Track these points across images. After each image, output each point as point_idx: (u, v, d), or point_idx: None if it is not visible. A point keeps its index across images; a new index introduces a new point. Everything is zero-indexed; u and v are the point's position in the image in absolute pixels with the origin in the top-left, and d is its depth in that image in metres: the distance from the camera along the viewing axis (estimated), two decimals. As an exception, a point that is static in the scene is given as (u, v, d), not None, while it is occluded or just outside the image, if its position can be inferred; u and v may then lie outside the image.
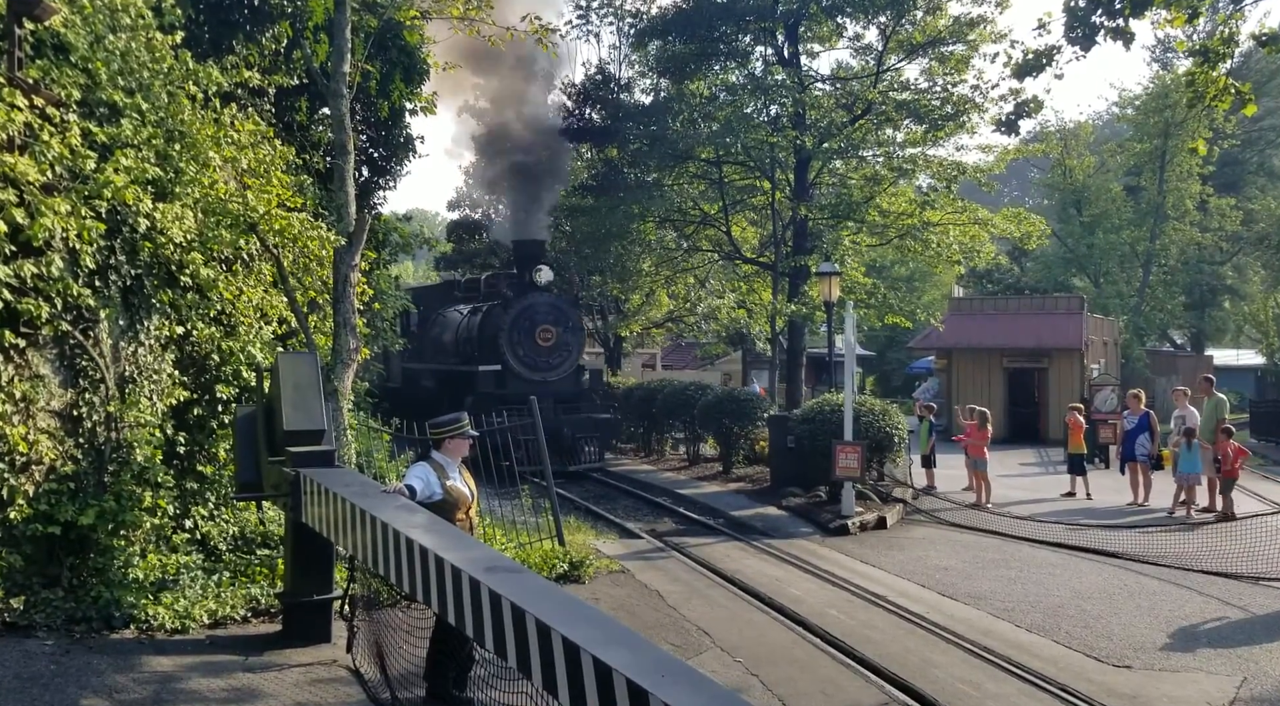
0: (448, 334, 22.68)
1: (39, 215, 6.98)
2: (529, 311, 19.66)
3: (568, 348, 20.05)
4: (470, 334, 21.13)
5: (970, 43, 21.31)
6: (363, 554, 5.41)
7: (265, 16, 12.28)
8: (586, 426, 19.10)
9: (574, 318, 20.45)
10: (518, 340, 19.45)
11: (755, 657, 7.48)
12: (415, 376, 23.23)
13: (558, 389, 19.47)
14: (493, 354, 19.50)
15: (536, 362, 19.62)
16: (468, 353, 20.72)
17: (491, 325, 20.16)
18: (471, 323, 21.30)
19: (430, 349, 23.55)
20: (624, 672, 3.10)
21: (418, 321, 24.11)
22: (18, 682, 6.01)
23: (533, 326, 19.55)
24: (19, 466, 7.21)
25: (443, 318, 23.57)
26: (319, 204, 11.67)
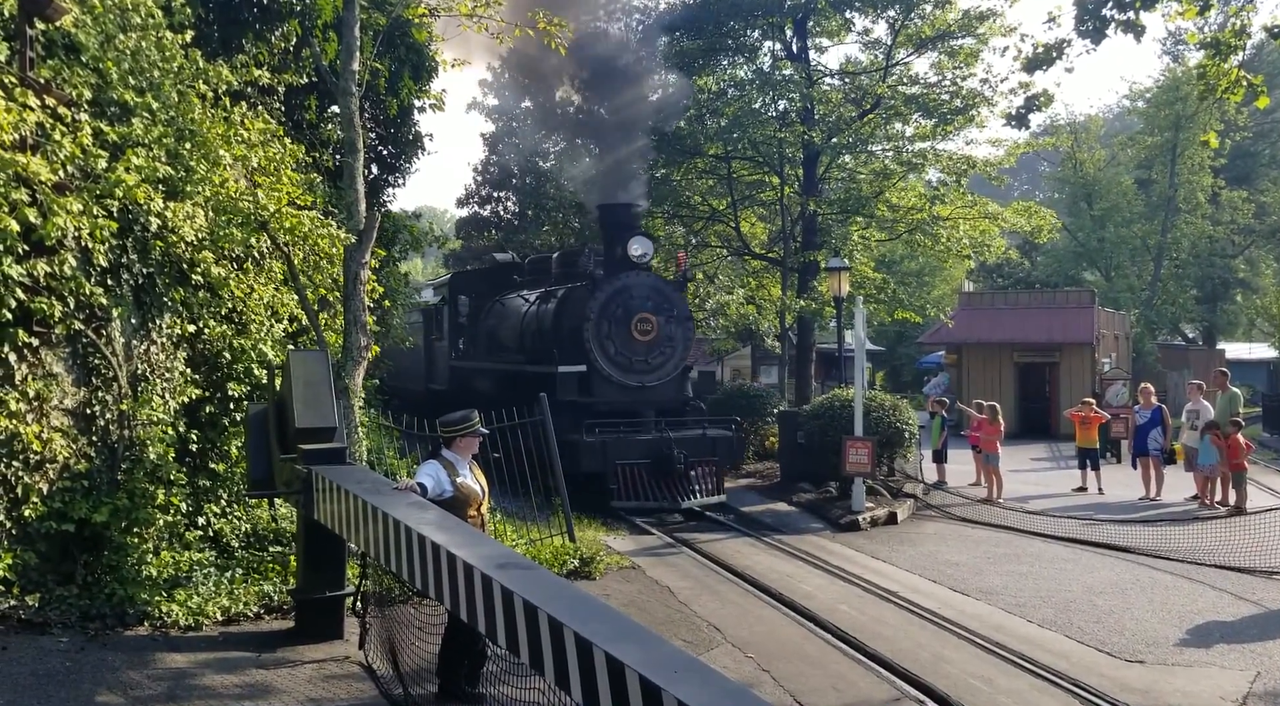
0: (508, 326, 18.15)
1: (52, 214, 7.02)
2: (622, 296, 14.77)
3: (671, 343, 15.00)
4: (541, 326, 16.44)
5: (979, 36, 21.22)
6: (375, 550, 5.42)
7: (274, 15, 12.31)
8: (701, 446, 14.23)
9: (680, 304, 15.29)
10: (608, 333, 14.62)
11: (766, 653, 7.49)
12: (466, 377, 19.07)
13: (659, 397, 14.91)
14: (573, 351, 14.78)
15: (632, 362, 14.74)
16: (537, 349, 16.02)
17: (572, 314, 15.33)
18: (542, 312, 16.59)
19: (485, 344, 19.20)
20: (637, 669, 3.10)
21: (468, 311, 19.92)
22: (34, 680, 6.06)
23: (627, 315, 14.66)
24: (33, 464, 7.26)
25: (501, 307, 18.94)
26: (329, 202, 11.71)
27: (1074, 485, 16.59)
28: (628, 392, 14.62)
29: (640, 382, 14.79)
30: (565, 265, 17.44)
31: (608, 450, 13.44)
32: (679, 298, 15.43)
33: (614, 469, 13.40)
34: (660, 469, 13.60)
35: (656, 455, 13.62)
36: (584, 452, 13.31)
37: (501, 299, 19.15)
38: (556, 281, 17.09)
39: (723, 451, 14.57)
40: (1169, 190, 39.71)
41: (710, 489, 14.01)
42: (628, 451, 13.57)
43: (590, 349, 14.57)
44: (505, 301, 18.91)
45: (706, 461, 14.08)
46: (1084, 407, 16.81)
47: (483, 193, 41.41)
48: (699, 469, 13.89)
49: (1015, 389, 28.12)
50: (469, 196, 41.84)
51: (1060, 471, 19.14)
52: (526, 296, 17.98)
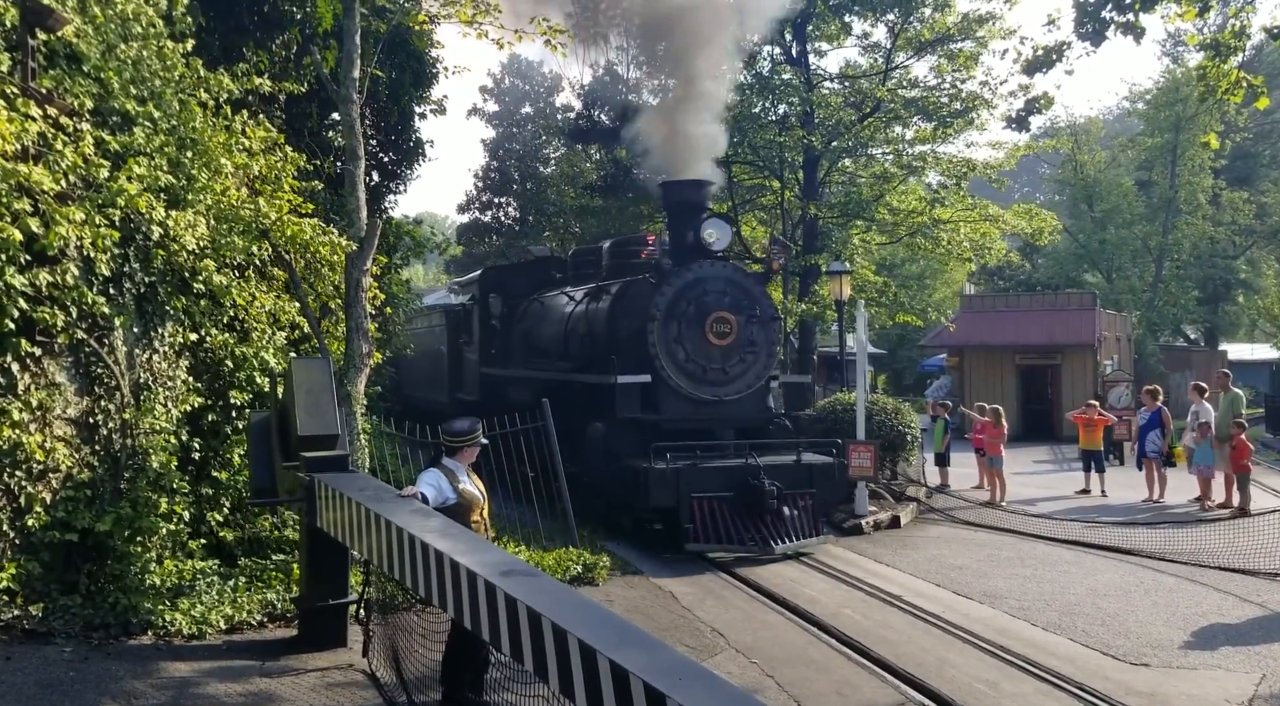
0: (549, 329, 15.46)
1: (54, 224, 7.03)
2: (694, 291, 12.23)
3: (753, 348, 12.46)
4: (592, 328, 13.75)
5: (979, 39, 21.28)
6: (378, 558, 5.43)
7: (275, 24, 12.35)
8: (795, 477, 11.56)
9: (763, 301, 12.72)
10: (677, 336, 12.11)
11: (770, 658, 7.47)
12: (499, 387, 16.57)
13: (738, 413, 12.42)
14: (633, 358, 12.23)
15: (706, 372, 12.19)
16: (588, 355, 13.57)
17: (632, 313, 12.81)
18: (594, 312, 13.89)
19: (521, 350, 16.58)
20: (641, 675, 3.10)
21: (500, 312, 17.43)
22: (38, 689, 6.06)
23: (701, 314, 12.14)
24: (36, 474, 7.26)
25: (539, 306, 16.33)
26: (330, 209, 11.73)
27: (1077, 487, 16.58)
28: (701, 408, 12.14)
29: (716, 396, 12.23)
30: (619, 256, 14.73)
31: (682, 480, 10.93)
32: (762, 293, 12.78)
33: (689, 503, 10.93)
34: (746, 504, 11.16)
35: (741, 487, 11.15)
36: (654, 483, 10.83)
37: (540, 297, 16.44)
38: (609, 275, 14.34)
39: (822, 483, 11.79)
40: (1170, 191, 39.71)
41: (807, 528, 11.41)
42: (706, 482, 11.08)
43: (656, 355, 11.96)
44: (545, 300, 16.20)
45: (802, 495, 11.51)
46: (1088, 410, 16.80)
47: (483, 198, 41.47)
48: (794, 504, 11.36)
49: (1017, 391, 28.11)
50: (470, 202, 41.91)
51: (1063, 474, 19.12)
52: (571, 294, 15.07)
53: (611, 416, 11.85)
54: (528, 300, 16.96)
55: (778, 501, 11.05)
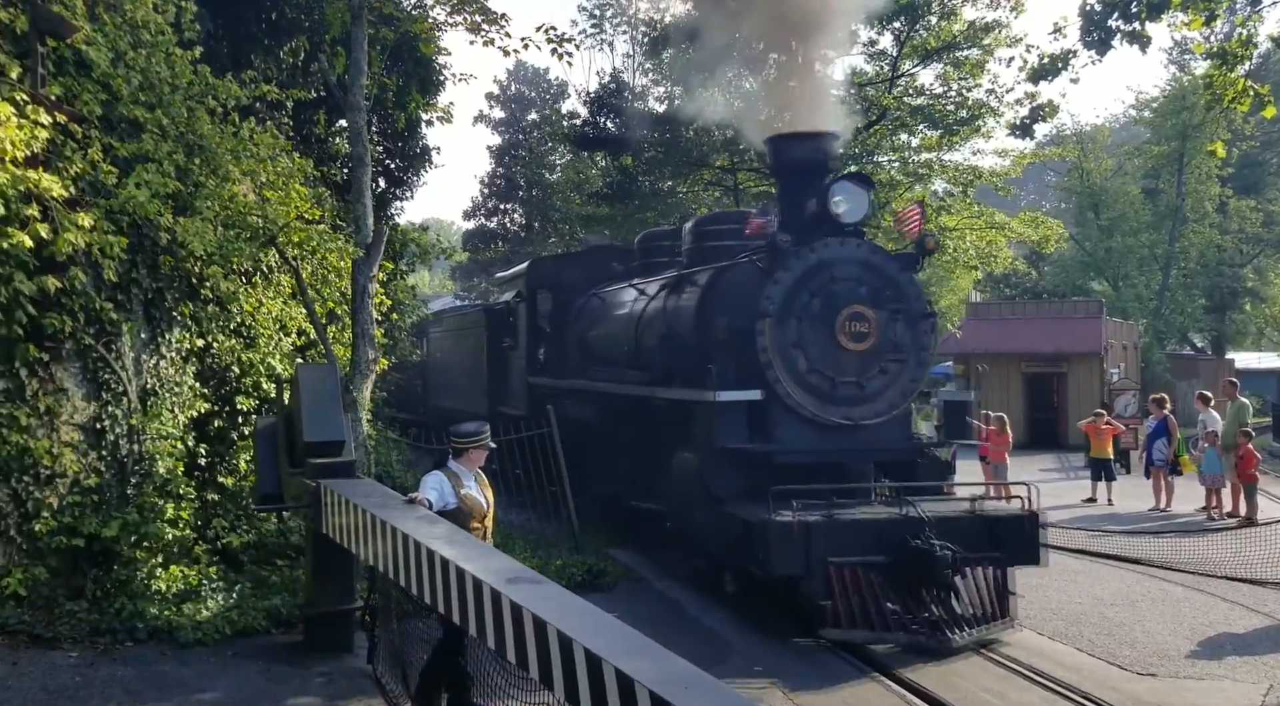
0: (613, 330, 12.54)
1: (63, 230, 7.07)
2: (819, 278, 9.15)
3: (899, 356, 9.33)
4: (672, 328, 10.53)
5: (985, 47, 21.26)
6: (383, 564, 5.43)
7: (283, 31, 12.40)
8: (971, 532, 8.38)
9: (912, 293, 9.51)
10: (797, 339, 9.08)
11: (778, 667, 7.45)
12: (553, 401, 12.88)
13: (879, 443, 9.34)
14: (732, 366, 9.24)
15: (836, 387, 9.13)
16: (664, 363, 10.33)
17: (730, 307, 9.66)
18: (675, 308, 10.71)
19: (578, 355, 13.67)
20: (647, 684, 3.10)
21: (551, 310, 14.76)
22: (44, 695, 6.07)
23: (830, 310, 9.11)
24: (43, 479, 7.28)
25: (600, 303, 13.55)
26: (337, 215, 11.77)
27: (1084, 496, 16.53)
28: (829, 436, 9.02)
29: (850, 419, 9.03)
30: (708, 238, 11.29)
31: (815, 539, 7.82)
32: (909, 280, 9.44)
33: (826, 572, 7.80)
34: (907, 574, 7.96)
35: (899, 549, 7.94)
36: (775, 542, 7.74)
37: (599, 293, 13.64)
38: (694, 262, 11.14)
39: (1010, 539, 8.34)
40: (1176, 199, 39.65)
41: (991, 607, 8.15)
42: (849, 541, 7.98)
43: (769, 363, 8.87)
44: (605, 296, 13.40)
45: (983, 559, 8.22)
46: (1097, 419, 16.76)
47: (489, 205, 41.58)
48: (972, 572, 8.18)
49: (1023, 399, 28.05)
50: (476, 209, 42.03)
51: (1070, 482, 19.06)
52: (642, 287, 12.01)
53: (706, 445, 9.03)
54: (584, 297, 14.13)
55: (953, 570, 7.91)
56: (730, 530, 8.48)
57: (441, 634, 5.93)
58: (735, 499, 8.64)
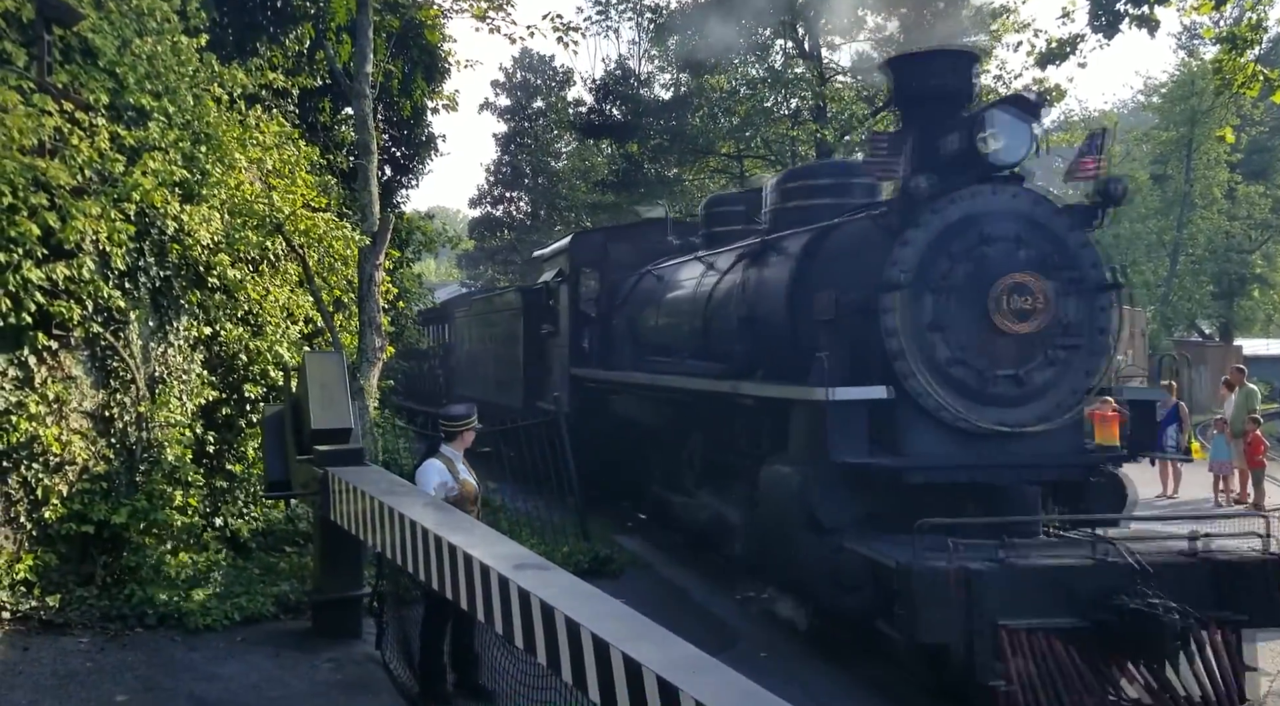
0: (675, 312, 10.74)
1: (70, 218, 7.08)
2: (967, 237, 6.89)
3: (1072, 340, 6.98)
4: (755, 309, 8.70)
5: (993, 33, 21.18)
6: (391, 551, 5.45)
7: (288, 19, 12.39)
8: (1193, 584, 5.93)
9: (1086, 257, 7.08)
10: (935, 317, 6.86)
11: (784, 653, 7.47)
12: (599, 397, 12.26)
13: (1047, 456, 7.01)
14: (847, 356, 7.06)
15: (990, 382, 6.85)
16: (744, 351, 8.64)
17: (838, 277, 7.49)
18: (759, 284, 8.78)
19: (629, 343, 12.06)
20: (654, 669, 3.11)
21: (596, 290, 13.21)
22: (55, 680, 6.11)
23: (982, 278, 6.84)
24: (53, 466, 7.32)
25: (656, 282, 11.65)
26: (343, 203, 11.78)
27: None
28: (979, 447, 6.81)
29: (1006, 424, 6.81)
30: (796, 196, 9.24)
31: (979, 593, 5.66)
32: (1081, 241, 7.09)
33: (998, 640, 5.59)
34: (1113, 640, 5.74)
35: (1098, 606, 5.75)
36: (923, 597, 5.66)
37: (655, 270, 11.81)
38: (780, 226, 9.02)
39: (1246, 593, 6.03)
40: (1185, 185, 39.48)
41: (1224, 688, 5.80)
42: (1028, 596, 5.79)
43: (901, 351, 6.72)
44: (663, 273, 11.49)
45: (1216, 622, 5.85)
46: (1103, 405, 16.72)
47: (495, 193, 41.56)
48: (1201, 640, 5.82)
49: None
50: (481, 197, 42.01)
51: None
52: (711, 260, 10.14)
53: (810, 457, 6.88)
54: (636, 275, 12.45)
55: (1183, 641, 5.67)
56: (849, 573, 6.43)
57: None
58: (850, 529, 6.66)
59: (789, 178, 9.72)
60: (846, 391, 6.77)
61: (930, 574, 5.66)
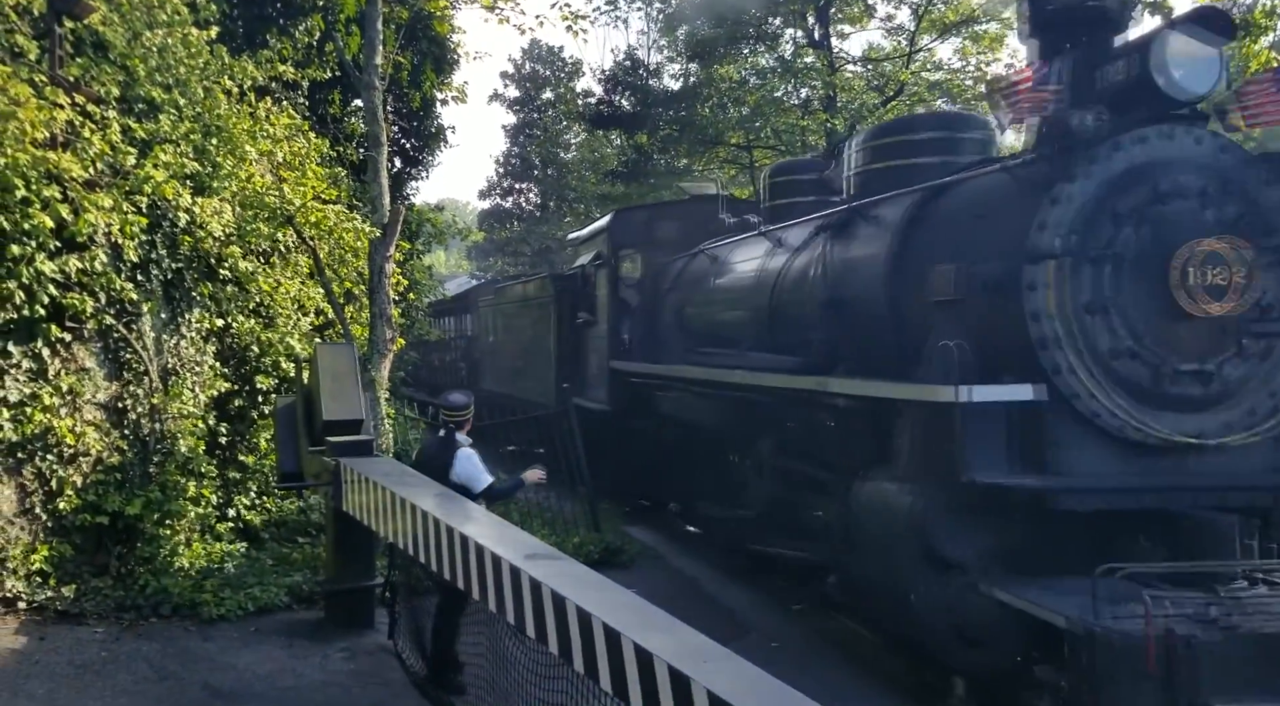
0: (734, 297, 9.39)
1: (83, 211, 7.12)
2: (1138, 193, 5.34)
3: (1275, 323, 5.36)
4: (842, 289, 7.17)
5: (1004, 20, 21.05)
6: (403, 541, 5.48)
7: (298, 10, 12.40)
8: None
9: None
10: (1097, 296, 5.28)
11: (795, 643, 7.48)
12: (645, 394, 10.96)
13: (1239, 475, 5.35)
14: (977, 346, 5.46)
15: (1167, 380, 5.28)
16: (827, 340, 7.19)
17: (964, 248, 5.91)
18: (842, 259, 7.31)
19: (677, 332, 10.74)
20: (665, 658, 3.12)
21: (640, 274, 12.12)
22: (71, 669, 6.17)
23: (1161, 246, 5.24)
24: (67, 458, 7.37)
25: (707, 263, 10.40)
26: (353, 196, 11.79)
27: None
28: (1152, 464, 5.42)
29: (1189, 434, 5.38)
30: (883, 154, 7.60)
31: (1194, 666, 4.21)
32: None
33: None
34: None
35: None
36: (1113, 669, 4.27)
37: (707, 250, 10.49)
38: (866, 192, 7.47)
39: None
40: (1198, 174, 39.23)
41: None
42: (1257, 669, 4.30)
43: (1055, 338, 5.35)
44: (718, 253, 10.17)
45: None
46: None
47: (505, 184, 41.57)
48: None
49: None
50: (491, 188, 42.02)
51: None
52: (780, 236, 8.72)
53: (928, 473, 5.54)
54: (685, 257, 11.07)
55: None
56: (980, 624, 5.20)
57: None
58: (985, 567, 5.28)
59: (879, 134, 7.97)
60: (986, 391, 5.28)
61: (1121, 640, 4.23)
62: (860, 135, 8.27)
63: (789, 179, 9.80)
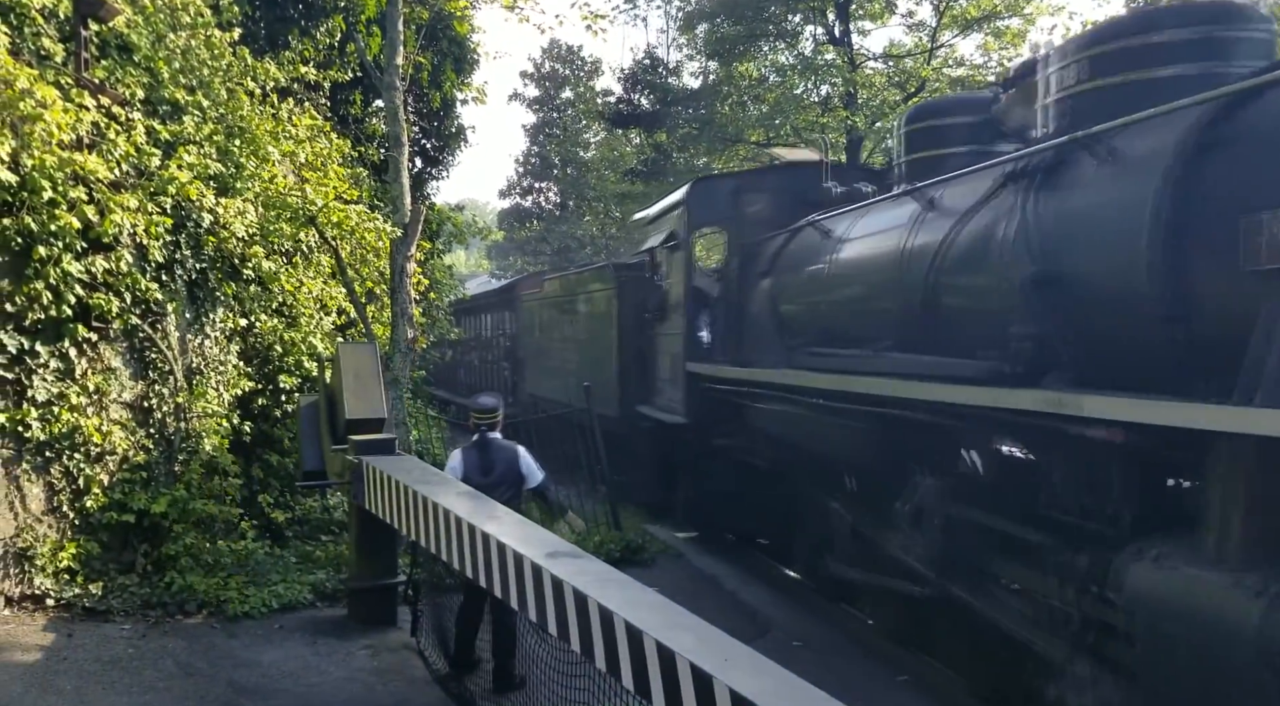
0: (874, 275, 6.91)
1: (109, 212, 7.19)
2: None
3: None
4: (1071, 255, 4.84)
5: (1026, 16, 20.90)
6: (425, 539, 5.50)
7: (319, 11, 12.46)
8: None
9: None
10: None
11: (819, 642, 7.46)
12: (736, 401, 9.02)
13: None
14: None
15: None
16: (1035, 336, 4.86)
17: None
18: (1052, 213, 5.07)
19: (777, 328, 8.58)
20: (688, 657, 3.12)
21: (725, 257, 10.38)
22: (98, 666, 6.23)
23: None
24: (94, 456, 7.44)
25: (817, 238, 8.10)
26: (374, 195, 11.84)
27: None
28: None
29: None
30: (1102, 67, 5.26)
31: None
32: None
33: None
34: None
35: None
36: None
37: (821, 222, 8.20)
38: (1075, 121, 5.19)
39: None
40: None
41: None
42: None
43: None
44: (833, 225, 7.96)
45: None
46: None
47: (524, 184, 41.65)
48: None
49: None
50: (511, 188, 42.11)
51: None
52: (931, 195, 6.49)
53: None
54: (785, 234, 8.88)
55: None
56: None
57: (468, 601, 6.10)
58: None
59: (1097, 40, 5.45)
60: None
61: None
62: (1057, 49, 5.72)
63: (938, 123, 7.31)
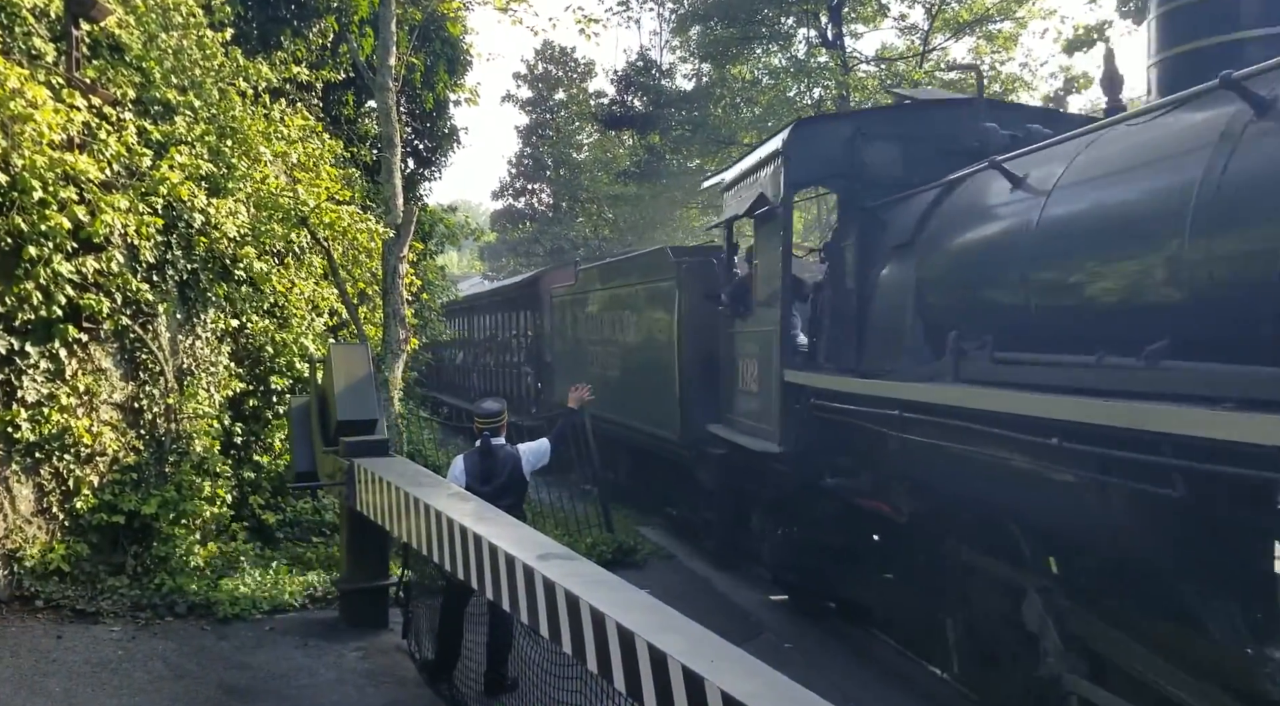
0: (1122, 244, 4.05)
1: (99, 212, 7.15)
2: None
3: None
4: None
5: (1018, 20, 21.00)
6: (416, 541, 5.49)
7: (312, 12, 12.44)
8: None
9: None
10: None
11: (807, 644, 7.47)
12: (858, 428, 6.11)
13: None
14: None
15: None
16: None
17: None
18: None
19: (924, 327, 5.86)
20: (679, 658, 3.12)
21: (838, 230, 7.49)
22: (88, 667, 6.20)
23: None
24: (84, 458, 7.42)
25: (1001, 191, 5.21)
26: (367, 196, 11.83)
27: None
28: None
29: None
30: None
31: None
32: None
33: None
34: None
35: None
36: None
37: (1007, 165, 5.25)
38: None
39: None
40: (1214, 173, 38.95)
41: None
42: None
43: None
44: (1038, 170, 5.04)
45: None
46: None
47: (517, 185, 41.63)
48: None
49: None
50: (504, 189, 42.10)
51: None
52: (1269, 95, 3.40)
53: None
54: (937, 188, 6.23)
55: None
56: None
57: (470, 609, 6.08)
58: None
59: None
60: None
61: None
62: None
63: None
